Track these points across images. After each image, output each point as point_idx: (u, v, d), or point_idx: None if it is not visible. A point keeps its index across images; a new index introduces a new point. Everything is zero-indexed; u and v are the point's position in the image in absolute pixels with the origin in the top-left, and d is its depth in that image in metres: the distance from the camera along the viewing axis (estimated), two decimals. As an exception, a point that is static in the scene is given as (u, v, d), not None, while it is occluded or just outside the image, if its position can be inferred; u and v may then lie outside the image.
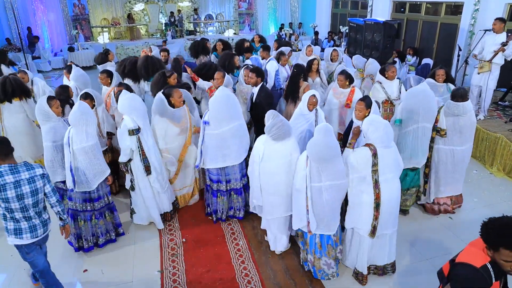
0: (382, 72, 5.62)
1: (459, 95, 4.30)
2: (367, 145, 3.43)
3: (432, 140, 4.56)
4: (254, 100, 5.24)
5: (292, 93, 5.48)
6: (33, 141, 5.51)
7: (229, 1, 17.76)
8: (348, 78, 5.26)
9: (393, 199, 3.49)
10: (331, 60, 6.93)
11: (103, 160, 4.05)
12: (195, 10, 16.98)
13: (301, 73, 5.51)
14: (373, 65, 6.55)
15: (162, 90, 4.58)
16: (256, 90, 5.22)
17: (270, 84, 6.22)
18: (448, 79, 5.51)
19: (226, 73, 5.48)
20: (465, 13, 8.71)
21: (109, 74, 5.52)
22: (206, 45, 7.65)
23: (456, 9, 9.28)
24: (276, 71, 6.24)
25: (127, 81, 6.07)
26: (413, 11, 10.93)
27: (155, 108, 4.49)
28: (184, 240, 4.42)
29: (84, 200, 4.05)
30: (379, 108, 4.87)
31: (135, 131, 4.13)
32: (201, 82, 5.61)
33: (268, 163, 3.74)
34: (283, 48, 7.27)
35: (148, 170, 4.30)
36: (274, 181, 3.77)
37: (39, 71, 12.61)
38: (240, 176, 4.55)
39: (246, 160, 4.41)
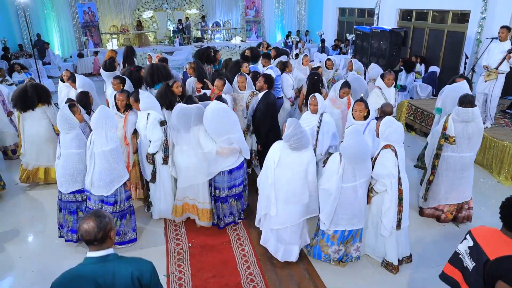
0: (383, 78, 5.67)
1: (467, 101, 4.30)
2: (387, 146, 3.62)
3: (440, 147, 4.53)
4: (256, 105, 5.29)
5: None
6: (54, 147, 5.55)
7: (236, 9, 17.93)
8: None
9: (408, 193, 3.75)
10: (326, 68, 6.97)
11: (123, 165, 4.07)
12: (203, 17, 17.15)
13: (320, 80, 5.53)
14: (375, 70, 6.57)
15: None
16: (260, 95, 5.26)
17: None
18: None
19: (226, 81, 5.44)
20: (472, 21, 8.72)
21: (122, 80, 5.52)
22: (211, 54, 7.68)
23: (463, 17, 9.28)
24: (275, 79, 6.24)
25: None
26: (419, 19, 10.95)
27: None
28: (190, 245, 4.42)
29: (101, 201, 4.09)
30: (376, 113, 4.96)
31: (165, 122, 4.50)
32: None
33: (283, 170, 3.70)
34: (282, 57, 7.35)
35: (166, 160, 4.53)
36: (288, 189, 3.72)
37: (49, 77, 12.77)
38: (241, 181, 4.56)
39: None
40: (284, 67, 6.73)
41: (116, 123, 4.05)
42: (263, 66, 6.99)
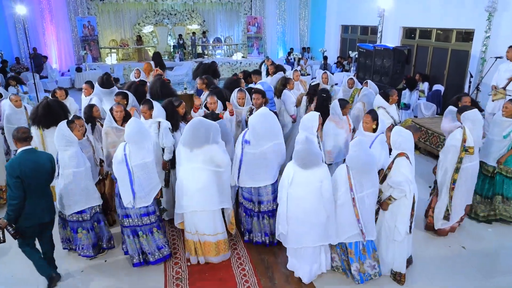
0: (386, 97, 5.72)
1: (468, 107, 4.72)
2: (401, 154, 3.84)
3: (461, 160, 4.63)
4: None
5: (322, 118, 5.58)
6: None
7: (238, 25, 18.24)
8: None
9: (417, 197, 3.92)
10: (322, 82, 7.17)
11: (156, 175, 4.24)
12: (204, 33, 17.42)
13: (329, 97, 5.66)
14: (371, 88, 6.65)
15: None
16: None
17: None
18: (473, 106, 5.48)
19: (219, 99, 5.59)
20: (476, 40, 8.88)
21: (125, 96, 5.54)
22: (217, 69, 7.80)
23: (467, 36, 9.46)
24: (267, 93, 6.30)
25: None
26: (423, 37, 11.14)
27: None
28: (189, 263, 4.42)
29: (144, 214, 4.18)
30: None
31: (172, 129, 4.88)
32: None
33: (296, 188, 3.76)
34: (276, 74, 7.48)
35: (173, 165, 4.73)
36: (302, 207, 3.76)
37: (45, 91, 12.87)
38: (273, 198, 4.48)
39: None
40: (285, 83, 6.80)
41: (151, 135, 4.34)
42: (254, 83, 7.08)
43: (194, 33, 17.13)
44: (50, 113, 5.01)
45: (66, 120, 4.21)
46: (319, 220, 3.79)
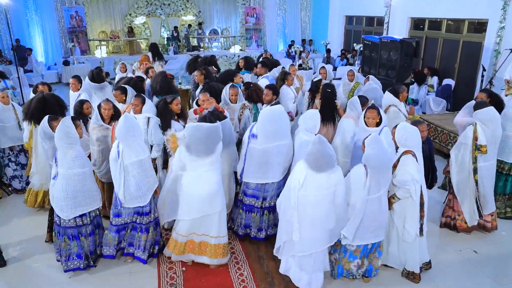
0: (396, 94, 5.71)
1: (484, 104, 4.70)
2: (407, 152, 3.88)
3: (475, 160, 4.67)
4: None
5: (329, 115, 5.62)
6: None
7: (235, 16, 18.22)
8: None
9: (427, 197, 3.99)
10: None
11: (154, 172, 4.30)
12: (200, 24, 17.38)
13: (335, 93, 5.69)
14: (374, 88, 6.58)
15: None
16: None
17: None
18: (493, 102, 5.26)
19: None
20: (490, 31, 8.87)
21: (123, 91, 5.53)
22: (217, 62, 7.81)
23: (480, 27, 9.45)
24: None
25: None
26: (433, 28, 11.14)
27: None
28: (184, 269, 4.40)
29: (136, 213, 4.24)
30: None
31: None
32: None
33: (307, 192, 3.67)
34: (275, 69, 7.50)
35: (166, 164, 4.84)
36: (312, 212, 3.69)
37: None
38: (277, 193, 4.49)
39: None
40: (284, 78, 6.73)
41: (142, 131, 4.33)
42: (258, 76, 7.05)
43: (190, 25, 17.11)
44: (44, 108, 4.91)
45: (70, 116, 4.10)
46: (328, 226, 3.75)
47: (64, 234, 4.14)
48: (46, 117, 4.31)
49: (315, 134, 4.19)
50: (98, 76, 6.69)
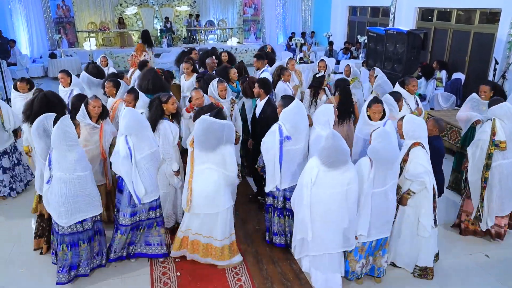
0: (402, 85, 5.75)
1: (498, 100, 4.67)
2: (416, 144, 3.98)
3: (490, 156, 4.66)
4: (258, 115, 5.33)
5: (346, 112, 5.66)
6: None
7: (233, 6, 18.18)
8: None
9: (436, 188, 4.05)
10: (318, 70, 7.21)
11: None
12: (197, 16, 17.36)
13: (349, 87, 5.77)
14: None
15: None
16: (261, 104, 5.31)
17: None
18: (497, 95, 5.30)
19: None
20: (503, 22, 8.86)
21: (116, 84, 5.55)
22: (218, 54, 7.85)
23: (493, 17, 9.45)
24: None
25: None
26: (442, 19, 11.14)
27: None
28: (178, 274, 4.39)
29: (151, 208, 4.38)
30: None
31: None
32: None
33: (319, 189, 3.73)
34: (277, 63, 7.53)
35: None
36: (325, 210, 3.74)
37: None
38: None
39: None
40: (280, 74, 6.67)
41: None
42: (257, 69, 7.07)
43: (190, 14, 17.14)
44: (47, 108, 4.65)
45: (67, 116, 4.01)
46: (342, 225, 3.79)
47: (62, 242, 4.05)
48: (45, 115, 4.12)
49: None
50: (98, 70, 6.74)
